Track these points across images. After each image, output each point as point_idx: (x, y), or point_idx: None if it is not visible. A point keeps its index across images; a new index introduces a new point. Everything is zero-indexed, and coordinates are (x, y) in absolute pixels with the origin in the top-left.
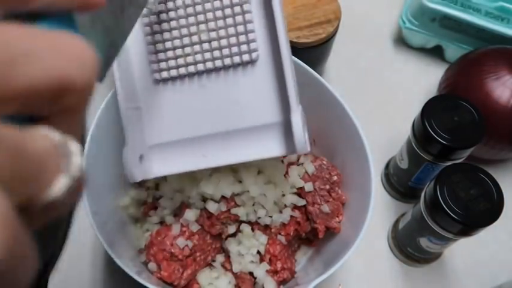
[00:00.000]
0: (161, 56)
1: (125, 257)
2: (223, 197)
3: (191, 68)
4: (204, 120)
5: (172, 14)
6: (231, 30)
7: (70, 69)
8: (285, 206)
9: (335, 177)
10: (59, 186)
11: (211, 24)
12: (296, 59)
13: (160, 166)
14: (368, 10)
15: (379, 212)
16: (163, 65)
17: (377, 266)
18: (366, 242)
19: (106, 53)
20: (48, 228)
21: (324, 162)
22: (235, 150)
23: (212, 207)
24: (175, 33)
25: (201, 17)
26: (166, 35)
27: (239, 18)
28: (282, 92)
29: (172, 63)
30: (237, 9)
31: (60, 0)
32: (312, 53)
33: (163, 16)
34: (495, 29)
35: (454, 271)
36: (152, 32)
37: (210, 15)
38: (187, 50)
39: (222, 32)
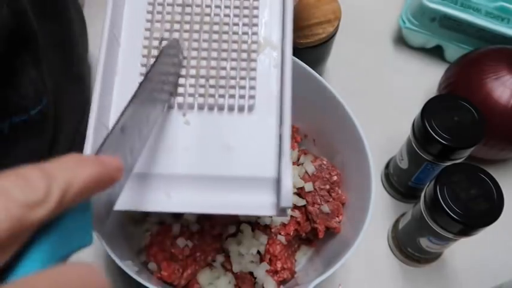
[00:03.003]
0: None
1: (125, 257)
2: None
3: (179, 99)
4: (181, 158)
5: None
6: (233, 73)
7: None
8: None
9: (335, 177)
10: None
11: (213, 63)
12: (296, 59)
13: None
14: (368, 10)
15: (379, 212)
16: None
17: (377, 266)
18: (366, 242)
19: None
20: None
21: (324, 162)
22: (213, 199)
23: None
24: None
25: (204, 54)
26: None
27: (243, 64)
28: (277, 146)
29: None
30: (244, 55)
31: (85, 192)
32: (312, 53)
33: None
34: (495, 29)
35: (454, 271)
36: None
37: (214, 54)
38: (181, 80)
39: (222, 73)
